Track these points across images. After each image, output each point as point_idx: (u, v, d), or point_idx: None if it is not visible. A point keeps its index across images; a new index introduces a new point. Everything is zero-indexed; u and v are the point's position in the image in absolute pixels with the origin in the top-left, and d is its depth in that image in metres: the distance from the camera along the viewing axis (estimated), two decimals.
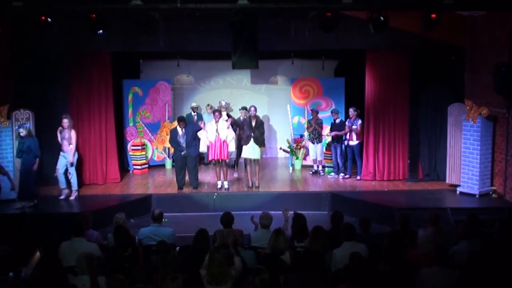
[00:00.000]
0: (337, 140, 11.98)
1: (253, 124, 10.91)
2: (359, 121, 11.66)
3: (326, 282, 5.17)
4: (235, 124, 11.87)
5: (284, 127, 13.96)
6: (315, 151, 12.40)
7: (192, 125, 11.31)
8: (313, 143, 12.34)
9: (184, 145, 10.86)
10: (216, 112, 11.01)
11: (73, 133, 10.20)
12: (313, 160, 12.57)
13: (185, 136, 10.86)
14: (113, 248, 6.42)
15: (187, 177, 11.18)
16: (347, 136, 11.82)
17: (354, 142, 11.75)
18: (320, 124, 12.28)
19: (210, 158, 11.27)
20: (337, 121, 12.01)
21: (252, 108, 11.01)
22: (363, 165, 11.81)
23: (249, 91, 14.56)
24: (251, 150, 11.00)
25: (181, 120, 11.03)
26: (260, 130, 10.97)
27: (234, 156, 12.81)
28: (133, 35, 9.98)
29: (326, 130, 12.41)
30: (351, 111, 11.76)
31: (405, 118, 11.68)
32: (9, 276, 5.41)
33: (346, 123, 11.83)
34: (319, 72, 13.44)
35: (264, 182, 11.42)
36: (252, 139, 10.90)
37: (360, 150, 11.79)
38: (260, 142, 11.00)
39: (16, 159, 10.30)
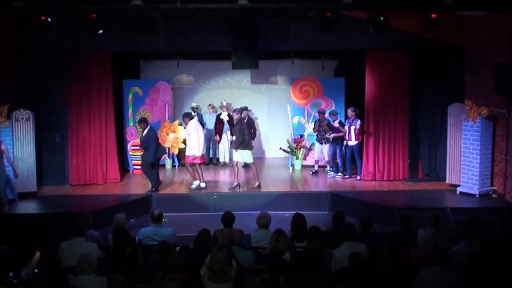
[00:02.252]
0: (335, 140, 11.97)
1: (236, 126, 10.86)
2: (358, 121, 11.63)
3: (326, 282, 5.17)
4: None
5: (284, 127, 13.95)
6: (321, 151, 12.36)
7: (153, 132, 10.80)
8: (321, 143, 12.29)
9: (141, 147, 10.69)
10: (184, 118, 11.00)
11: (3, 146, 9.63)
12: (315, 160, 12.54)
13: (142, 139, 10.65)
14: (113, 248, 6.42)
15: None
16: (346, 137, 11.81)
17: (353, 142, 11.73)
18: (329, 124, 12.21)
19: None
20: (336, 122, 12.00)
21: (234, 113, 10.98)
22: (363, 165, 11.80)
23: (249, 91, 14.56)
24: (239, 154, 10.92)
25: (139, 121, 10.86)
26: (242, 132, 10.73)
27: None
28: (133, 35, 9.98)
29: None
30: (350, 111, 11.74)
31: (405, 118, 11.68)
32: (9, 276, 5.40)
33: (345, 123, 11.84)
34: (319, 72, 13.44)
35: (264, 182, 11.42)
36: (236, 143, 10.80)
37: (359, 150, 11.78)
38: (244, 145, 10.75)
39: (16, 159, 10.32)
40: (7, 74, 10.66)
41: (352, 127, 11.65)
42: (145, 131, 10.68)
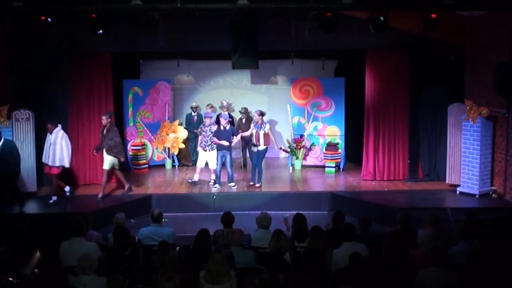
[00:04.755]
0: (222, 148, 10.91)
1: (104, 131, 10.27)
2: (267, 125, 11.12)
3: (326, 281, 5.17)
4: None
5: (284, 127, 13.96)
6: (206, 159, 11.29)
7: (7, 143, 9.45)
8: (205, 150, 11.25)
9: None
10: (48, 124, 10.03)
11: None
12: (201, 169, 11.37)
13: None
14: (113, 248, 6.42)
15: None
16: (254, 141, 11.12)
17: (262, 147, 11.06)
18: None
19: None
20: (227, 127, 11.04)
21: (103, 117, 10.28)
22: (363, 165, 11.81)
23: (249, 91, 14.56)
24: (104, 159, 10.39)
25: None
26: (109, 137, 10.14)
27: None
28: (133, 35, 9.99)
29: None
30: (256, 115, 11.18)
31: (405, 118, 11.68)
32: (9, 276, 5.41)
33: (252, 126, 11.25)
34: (319, 72, 13.43)
35: (264, 182, 11.41)
36: (104, 147, 10.26)
37: (264, 155, 11.25)
38: (114, 152, 10.21)
39: None
40: (7, 74, 10.66)
41: (261, 132, 10.98)
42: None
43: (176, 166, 13.33)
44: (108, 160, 10.33)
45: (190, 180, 11.33)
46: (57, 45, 10.47)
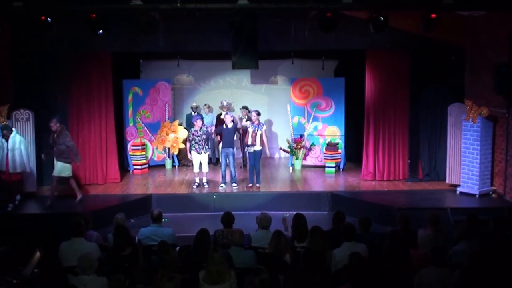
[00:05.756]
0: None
1: (54, 136, 9.76)
2: (264, 127, 11.08)
3: (326, 282, 5.17)
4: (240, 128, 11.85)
5: (284, 127, 13.96)
6: (200, 162, 11.06)
7: None
8: (199, 153, 11.03)
9: None
10: (4, 131, 9.61)
11: None
12: (197, 173, 11.20)
13: None
14: (113, 248, 6.42)
15: None
16: (249, 142, 10.96)
17: (258, 147, 10.91)
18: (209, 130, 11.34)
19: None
20: (230, 126, 11.01)
21: (52, 124, 9.71)
22: (363, 165, 11.81)
23: (249, 91, 14.57)
24: (55, 166, 9.89)
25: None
26: (60, 142, 9.66)
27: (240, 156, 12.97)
28: (133, 35, 9.96)
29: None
30: (254, 114, 11.07)
31: (405, 118, 11.68)
32: (9, 276, 5.40)
33: (249, 125, 11.11)
34: (319, 72, 13.44)
35: (264, 182, 11.41)
36: (54, 153, 9.83)
37: (261, 155, 11.08)
38: (64, 157, 9.72)
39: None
40: (7, 74, 10.67)
41: (258, 132, 10.88)
42: None
43: (176, 166, 13.34)
44: (58, 167, 9.80)
45: (195, 186, 11.17)
46: (57, 45, 10.46)
